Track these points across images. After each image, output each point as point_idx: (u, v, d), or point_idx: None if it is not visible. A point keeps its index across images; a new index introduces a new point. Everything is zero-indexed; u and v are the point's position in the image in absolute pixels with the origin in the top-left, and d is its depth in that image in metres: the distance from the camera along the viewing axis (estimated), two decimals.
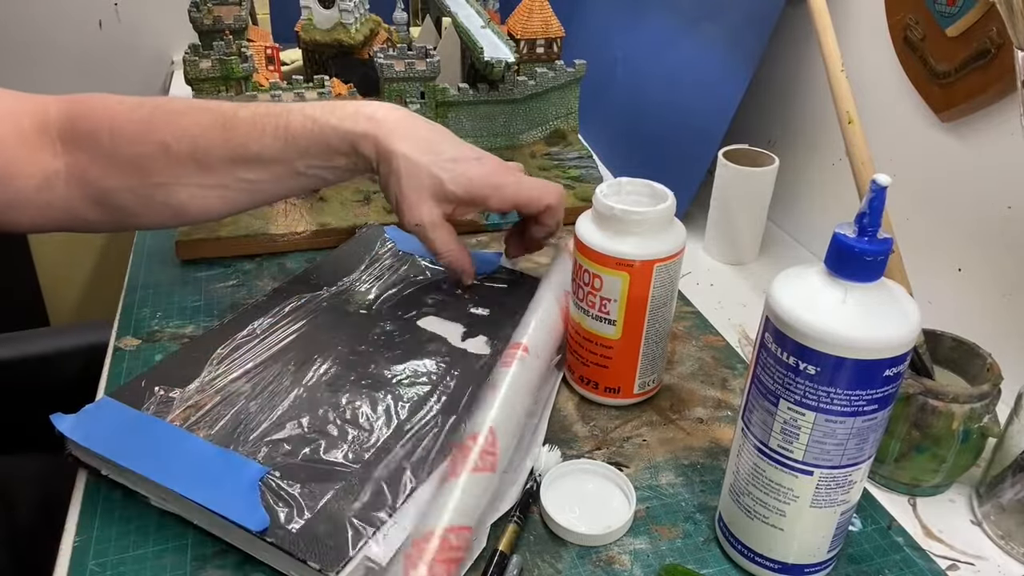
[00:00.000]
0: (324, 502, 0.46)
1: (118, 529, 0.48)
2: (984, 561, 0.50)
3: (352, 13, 0.93)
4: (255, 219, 0.77)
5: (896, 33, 0.67)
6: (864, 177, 0.50)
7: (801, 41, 0.81)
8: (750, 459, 0.44)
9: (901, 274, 0.51)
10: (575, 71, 0.91)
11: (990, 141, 0.61)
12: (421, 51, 0.85)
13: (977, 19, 0.58)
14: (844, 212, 0.71)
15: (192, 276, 0.73)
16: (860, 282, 0.38)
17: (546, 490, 0.50)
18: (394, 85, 0.84)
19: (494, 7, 1.06)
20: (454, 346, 0.60)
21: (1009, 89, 0.57)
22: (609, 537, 0.48)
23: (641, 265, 0.52)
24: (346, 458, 0.49)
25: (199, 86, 0.80)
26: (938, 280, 0.66)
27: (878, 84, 0.70)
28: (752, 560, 0.46)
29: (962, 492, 0.55)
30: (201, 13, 0.92)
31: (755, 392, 0.42)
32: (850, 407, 0.39)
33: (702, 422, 0.59)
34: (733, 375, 0.64)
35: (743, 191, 0.77)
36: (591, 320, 0.56)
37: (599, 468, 0.52)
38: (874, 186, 0.36)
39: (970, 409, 0.49)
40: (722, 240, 0.81)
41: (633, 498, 0.50)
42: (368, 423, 0.52)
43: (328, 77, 0.83)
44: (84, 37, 1.32)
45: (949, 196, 0.65)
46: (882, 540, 0.50)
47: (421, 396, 0.54)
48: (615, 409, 0.59)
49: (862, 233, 0.37)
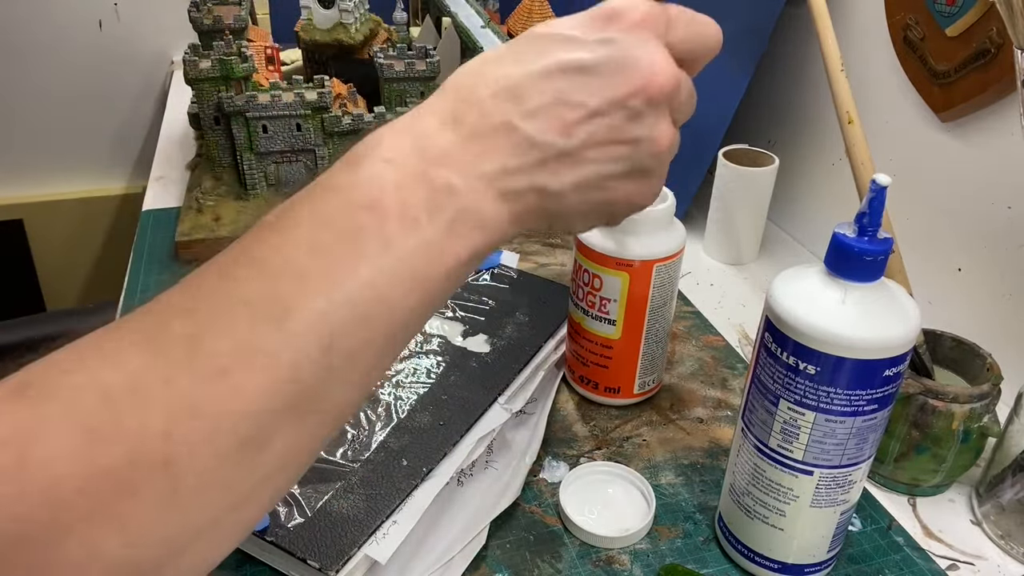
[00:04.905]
0: (324, 501, 0.46)
1: None
2: (984, 561, 0.49)
3: (352, 13, 0.93)
4: (255, 219, 0.77)
5: (896, 33, 0.67)
6: (864, 177, 0.50)
7: (801, 41, 0.81)
8: (750, 459, 0.44)
9: (901, 274, 0.51)
10: None
11: (990, 141, 0.61)
12: (421, 51, 0.85)
13: (977, 19, 0.58)
14: (844, 212, 0.71)
15: None
16: (860, 282, 0.38)
17: (566, 490, 0.51)
18: (394, 85, 0.84)
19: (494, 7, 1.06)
20: (454, 344, 0.60)
21: (1009, 89, 0.57)
22: (626, 540, 0.48)
23: (641, 265, 0.52)
24: (345, 457, 0.49)
25: (199, 86, 0.80)
26: (938, 280, 0.66)
27: (878, 84, 0.70)
28: (752, 560, 0.46)
29: (962, 492, 0.54)
30: (201, 13, 0.92)
31: (755, 392, 0.42)
32: (850, 407, 0.39)
33: (702, 422, 0.59)
34: (733, 375, 0.64)
35: (743, 191, 0.77)
36: (591, 320, 0.56)
37: (618, 471, 0.53)
38: (874, 186, 0.36)
39: (970, 409, 0.49)
40: (722, 240, 0.81)
41: (653, 502, 0.50)
42: (368, 422, 0.52)
43: (328, 77, 0.83)
44: (84, 37, 1.32)
45: (949, 196, 0.65)
46: (882, 540, 0.50)
47: (421, 395, 0.54)
48: (615, 409, 0.59)
49: (862, 233, 0.37)
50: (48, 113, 1.36)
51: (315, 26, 0.94)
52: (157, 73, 1.38)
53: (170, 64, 1.37)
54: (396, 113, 0.82)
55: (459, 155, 0.30)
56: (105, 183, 1.44)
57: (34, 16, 1.28)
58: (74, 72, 1.34)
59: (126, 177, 1.46)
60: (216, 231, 0.75)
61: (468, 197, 0.30)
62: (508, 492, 0.50)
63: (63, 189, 1.42)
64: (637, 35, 0.31)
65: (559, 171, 0.31)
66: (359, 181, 0.29)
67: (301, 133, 0.80)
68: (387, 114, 0.82)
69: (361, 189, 0.29)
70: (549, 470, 0.54)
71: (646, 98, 0.31)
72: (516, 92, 0.30)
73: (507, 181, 0.30)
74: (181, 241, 0.74)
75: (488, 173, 0.30)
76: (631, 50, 0.31)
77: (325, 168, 0.31)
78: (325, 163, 0.81)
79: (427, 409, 0.53)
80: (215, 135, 0.83)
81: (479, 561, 0.47)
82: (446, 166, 0.29)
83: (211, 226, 0.76)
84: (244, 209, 0.79)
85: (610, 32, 0.31)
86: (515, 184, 0.30)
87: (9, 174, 1.39)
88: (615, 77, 0.30)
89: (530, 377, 0.57)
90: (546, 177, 0.31)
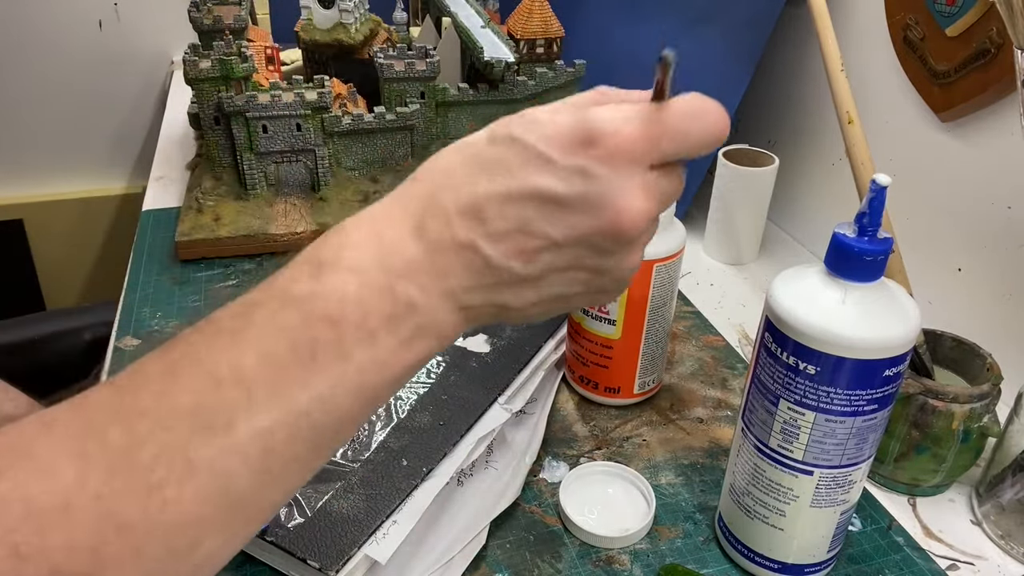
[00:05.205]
0: (324, 501, 0.46)
1: None
2: (984, 561, 0.49)
3: (352, 13, 0.93)
4: (255, 219, 0.77)
5: (896, 33, 0.67)
6: (864, 177, 0.50)
7: (801, 41, 0.81)
8: (750, 459, 0.44)
9: (901, 274, 0.51)
10: (575, 71, 0.91)
11: (990, 141, 0.61)
12: (421, 51, 0.85)
13: (977, 19, 0.58)
14: (844, 212, 0.71)
15: (192, 276, 0.73)
16: (860, 282, 0.38)
17: (565, 490, 0.51)
18: (394, 85, 0.84)
19: (494, 7, 1.06)
20: (454, 344, 0.60)
21: (1009, 89, 0.57)
22: (626, 540, 0.48)
23: (641, 265, 0.52)
24: (345, 457, 0.49)
25: (199, 86, 0.80)
26: (938, 280, 0.66)
27: (878, 84, 0.70)
28: (752, 560, 0.46)
29: (962, 492, 0.54)
30: (201, 13, 0.92)
31: (755, 392, 0.42)
32: (850, 407, 0.39)
33: (702, 422, 0.59)
34: (733, 375, 0.64)
35: (743, 191, 0.77)
36: (591, 320, 0.56)
37: (618, 471, 0.53)
38: (874, 186, 0.36)
39: (970, 409, 0.49)
40: (722, 240, 0.81)
41: (653, 502, 0.50)
42: (368, 422, 0.52)
43: (328, 77, 0.83)
44: (84, 37, 1.32)
45: (949, 196, 0.65)
46: (882, 540, 0.50)
47: (421, 395, 0.54)
48: (615, 409, 0.59)
49: (862, 233, 0.37)
50: (48, 113, 1.36)
51: (315, 26, 0.94)
52: (157, 73, 1.38)
53: (170, 64, 1.36)
54: (396, 114, 0.82)
55: (423, 269, 0.29)
56: (105, 183, 1.44)
57: (34, 16, 1.28)
58: (74, 72, 1.34)
59: (126, 177, 1.46)
60: (216, 231, 0.75)
61: (428, 313, 0.30)
62: (508, 492, 0.50)
63: (63, 189, 1.42)
64: (614, 167, 0.29)
65: (519, 291, 0.31)
66: (322, 292, 0.28)
67: (301, 133, 0.80)
68: (387, 114, 0.82)
69: (322, 301, 0.28)
70: (549, 470, 0.54)
71: (613, 239, 0.30)
72: (482, 212, 0.29)
73: (467, 298, 0.30)
74: (181, 241, 0.74)
75: (449, 289, 0.30)
76: (605, 187, 0.29)
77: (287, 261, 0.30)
78: (325, 163, 0.81)
79: (427, 409, 0.53)
80: (215, 135, 0.83)
81: (479, 561, 0.47)
82: (410, 280, 0.29)
83: (211, 226, 0.76)
84: (244, 209, 0.79)
85: (587, 160, 0.29)
86: (474, 300, 0.31)
87: (9, 174, 1.39)
88: (584, 215, 0.29)
89: (530, 377, 0.57)
90: (506, 296, 0.31)
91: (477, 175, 0.30)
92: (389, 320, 0.29)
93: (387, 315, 0.29)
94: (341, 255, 0.29)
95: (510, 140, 0.30)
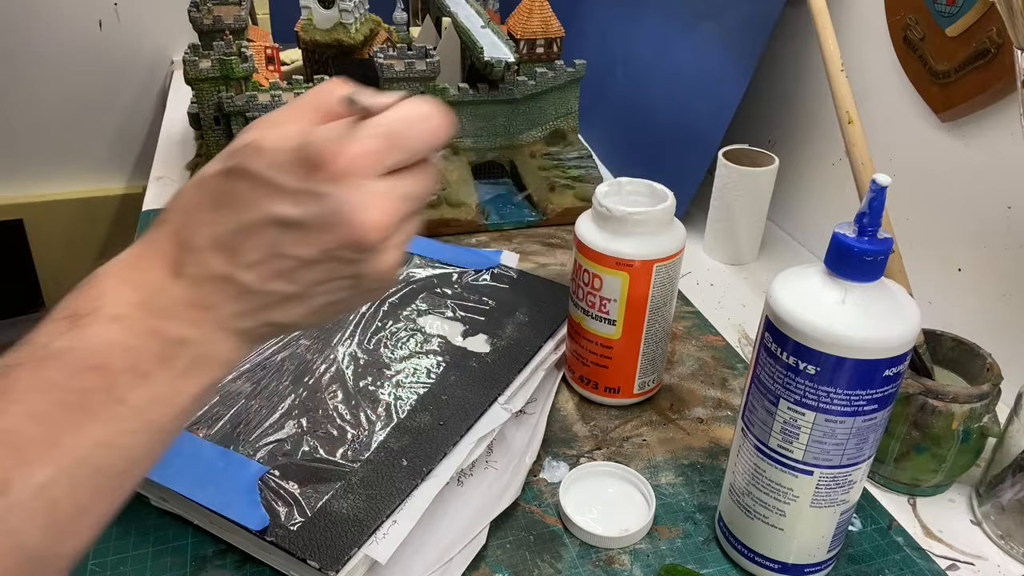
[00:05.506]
0: (324, 501, 0.46)
1: (118, 529, 0.48)
2: (984, 561, 0.49)
3: (352, 13, 0.93)
4: None
5: (896, 33, 0.67)
6: (864, 177, 0.50)
7: (801, 41, 0.81)
8: (750, 459, 0.44)
9: (901, 274, 0.51)
10: (575, 71, 0.91)
11: (990, 141, 0.61)
12: (421, 51, 0.85)
13: (977, 19, 0.58)
14: (844, 212, 0.71)
15: None
16: (860, 282, 0.38)
17: (565, 490, 0.51)
18: (394, 85, 0.84)
19: (494, 7, 1.06)
20: (454, 344, 0.60)
21: (1009, 89, 0.57)
22: (626, 540, 0.48)
23: (641, 265, 0.52)
24: (345, 457, 0.49)
25: (199, 86, 0.80)
26: (938, 280, 0.66)
27: (878, 84, 0.70)
28: (752, 560, 0.46)
29: (962, 492, 0.54)
30: (201, 13, 0.92)
31: (755, 392, 0.42)
32: (850, 407, 0.39)
33: (702, 422, 0.59)
34: (733, 375, 0.64)
35: (743, 191, 0.77)
36: (591, 320, 0.56)
37: (618, 471, 0.53)
38: (874, 186, 0.36)
39: (970, 409, 0.49)
40: (722, 240, 0.81)
41: (653, 502, 0.50)
42: (368, 422, 0.52)
43: (328, 77, 0.83)
44: (84, 37, 1.32)
45: (949, 196, 0.65)
46: (882, 540, 0.50)
47: (421, 395, 0.54)
48: (615, 409, 0.59)
49: (862, 233, 0.37)
50: (48, 113, 1.36)
51: (315, 26, 0.94)
52: (157, 73, 1.38)
53: (170, 64, 1.37)
54: None
55: (188, 304, 0.30)
56: (105, 183, 1.45)
57: (34, 16, 1.28)
58: (74, 72, 1.34)
59: (126, 177, 1.46)
60: None
61: (203, 344, 0.31)
62: (508, 492, 0.50)
63: (63, 189, 1.42)
64: (343, 184, 0.29)
65: (288, 308, 0.32)
66: (83, 345, 0.29)
67: None
68: None
69: (84, 353, 0.28)
70: (549, 470, 0.54)
71: (358, 249, 0.30)
72: (230, 246, 0.30)
73: (238, 323, 0.31)
74: None
75: (219, 319, 0.31)
76: (337, 204, 0.29)
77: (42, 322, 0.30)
78: None
79: (427, 409, 0.53)
80: (215, 135, 0.83)
81: (479, 561, 0.47)
82: (177, 318, 0.30)
83: None
84: None
85: (315, 183, 0.29)
86: (246, 324, 0.31)
87: (9, 174, 1.39)
88: (325, 233, 0.30)
89: (530, 377, 0.57)
90: (276, 315, 0.32)
91: (220, 210, 0.31)
92: (160, 359, 0.30)
93: (157, 355, 0.30)
94: (99, 305, 0.30)
95: (241, 172, 0.30)
